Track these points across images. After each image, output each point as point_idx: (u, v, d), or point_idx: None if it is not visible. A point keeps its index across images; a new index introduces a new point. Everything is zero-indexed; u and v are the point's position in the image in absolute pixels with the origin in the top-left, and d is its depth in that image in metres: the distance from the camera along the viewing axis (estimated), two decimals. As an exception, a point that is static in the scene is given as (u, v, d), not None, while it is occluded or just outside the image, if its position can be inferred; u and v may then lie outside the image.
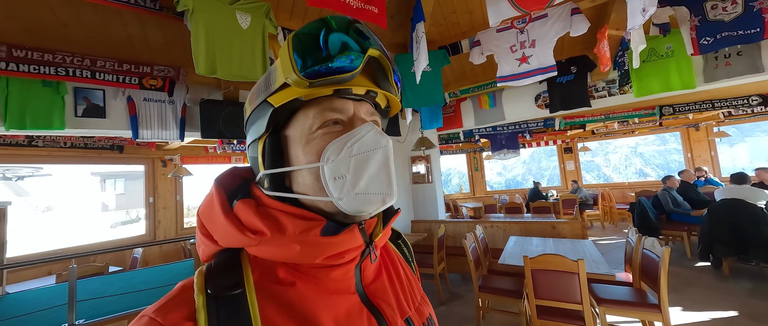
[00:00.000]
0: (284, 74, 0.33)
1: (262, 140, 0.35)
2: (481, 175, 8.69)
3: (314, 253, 0.32)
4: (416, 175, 4.44)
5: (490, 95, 3.96)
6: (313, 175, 0.33)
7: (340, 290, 0.34)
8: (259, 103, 0.36)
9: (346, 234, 0.32)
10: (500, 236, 3.72)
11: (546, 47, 2.54)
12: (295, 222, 0.32)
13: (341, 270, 0.34)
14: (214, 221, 0.34)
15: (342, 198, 0.32)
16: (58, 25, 2.07)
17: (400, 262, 0.45)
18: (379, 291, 0.37)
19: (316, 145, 0.33)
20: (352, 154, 0.32)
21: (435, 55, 3.00)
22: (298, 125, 0.34)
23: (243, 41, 1.94)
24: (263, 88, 0.36)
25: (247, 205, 0.33)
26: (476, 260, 2.65)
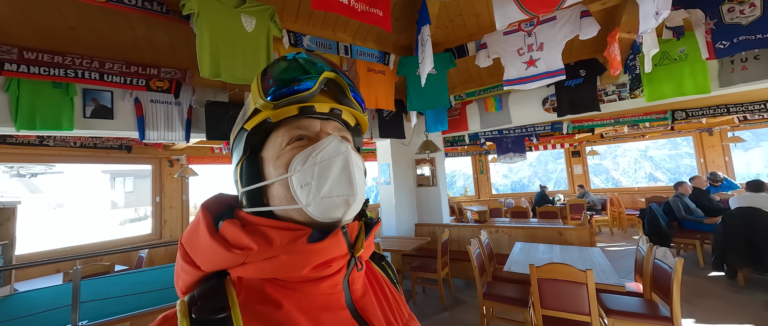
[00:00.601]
0: (254, 102, 0.38)
1: (240, 163, 0.38)
2: (486, 178, 8.61)
3: (302, 262, 0.32)
4: (421, 177, 4.40)
5: (497, 98, 3.91)
6: (284, 186, 0.36)
7: (330, 304, 0.35)
8: (238, 131, 0.40)
9: (332, 239, 0.34)
10: (506, 242, 3.66)
11: (554, 50, 2.49)
12: (282, 234, 0.33)
13: (329, 282, 0.35)
14: (199, 245, 0.34)
15: (310, 204, 0.35)
16: (67, 28, 2.10)
17: (385, 282, 0.46)
18: (369, 306, 0.38)
19: (284, 159, 0.37)
20: (315, 162, 0.35)
21: (440, 58, 2.97)
22: (271, 145, 0.38)
23: (247, 44, 1.94)
24: (241, 117, 0.40)
25: (232, 224, 0.34)
26: (481, 266, 2.61)
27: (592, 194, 6.32)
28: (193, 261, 0.34)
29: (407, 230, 4.21)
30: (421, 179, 4.41)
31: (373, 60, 2.89)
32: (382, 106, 3.08)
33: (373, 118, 4.10)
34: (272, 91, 0.36)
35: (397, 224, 4.12)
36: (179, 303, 0.31)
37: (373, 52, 2.88)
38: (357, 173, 0.37)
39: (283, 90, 0.36)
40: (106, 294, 2.03)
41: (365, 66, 2.94)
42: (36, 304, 1.95)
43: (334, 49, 2.62)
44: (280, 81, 0.36)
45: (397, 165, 4.26)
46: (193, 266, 0.34)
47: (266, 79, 0.37)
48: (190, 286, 0.35)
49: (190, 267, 0.34)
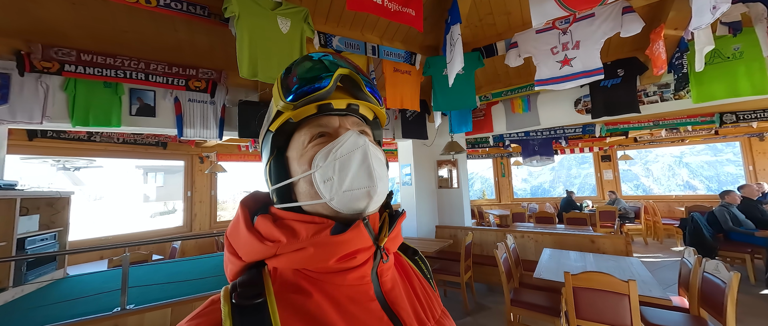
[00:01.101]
0: (275, 105, 0.40)
1: (268, 163, 0.41)
2: (508, 181, 8.36)
3: (327, 253, 0.34)
4: (442, 179, 4.35)
5: (525, 99, 3.79)
6: (309, 182, 0.38)
7: (359, 296, 0.36)
8: (264, 132, 0.43)
9: (353, 230, 0.35)
10: (532, 248, 3.54)
11: (591, 49, 2.38)
12: (307, 227, 0.35)
13: (356, 273, 0.36)
14: (239, 238, 0.38)
15: (333, 198, 0.36)
16: (119, 32, 2.26)
17: (417, 276, 0.47)
18: (398, 299, 0.39)
19: (307, 156, 0.39)
20: (336, 158, 0.37)
21: (468, 58, 2.92)
22: (294, 144, 0.41)
23: (282, 45, 2.00)
24: (266, 120, 0.43)
25: (265, 219, 0.38)
26: (508, 271, 2.53)
27: (623, 201, 5.97)
28: (236, 252, 0.37)
29: (427, 232, 4.17)
30: (443, 181, 4.35)
31: (400, 60, 2.89)
32: (407, 106, 3.07)
33: (395, 118, 4.10)
34: (293, 91, 0.38)
35: (417, 225, 4.08)
36: (223, 289, 0.35)
37: (400, 53, 2.88)
38: (377, 165, 0.38)
39: (301, 90, 0.38)
40: (148, 280, 2.16)
41: (391, 66, 2.95)
42: (86, 287, 2.11)
43: (361, 49, 2.64)
44: (299, 81, 0.39)
45: (419, 166, 4.23)
46: (236, 256, 0.37)
47: (285, 81, 0.39)
48: (235, 274, 0.38)
49: (234, 258, 0.37)
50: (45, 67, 2.12)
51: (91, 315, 1.39)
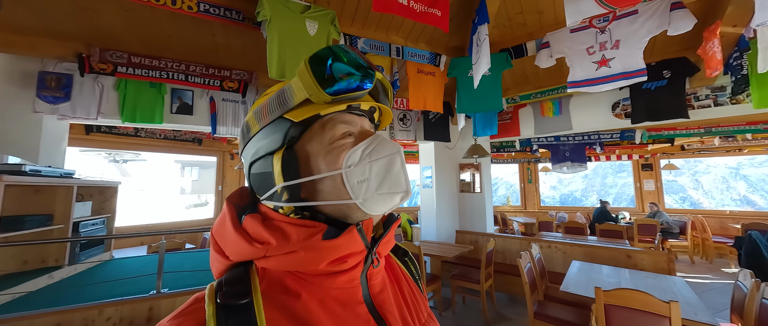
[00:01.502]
0: (307, 92, 0.36)
1: (278, 154, 0.37)
2: (534, 188, 7.98)
3: (318, 257, 0.34)
4: (464, 183, 4.24)
5: (556, 102, 3.60)
6: (336, 181, 0.37)
7: (347, 299, 0.36)
8: (272, 119, 0.38)
9: (346, 236, 0.34)
10: (559, 259, 3.34)
11: (633, 48, 2.21)
12: (298, 230, 0.34)
13: (346, 276, 0.35)
14: (226, 237, 0.36)
15: (366, 199, 0.36)
16: (164, 36, 2.45)
17: (406, 279, 0.47)
18: (386, 302, 0.39)
19: (336, 154, 0.37)
20: (371, 159, 0.37)
21: (496, 59, 2.83)
22: (316, 138, 0.38)
23: (309, 47, 2.06)
24: (276, 105, 0.38)
25: (254, 219, 0.36)
26: (532, 282, 2.41)
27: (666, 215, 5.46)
28: (222, 251, 0.36)
29: (447, 237, 4.09)
30: (465, 185, 4.24)
31: (424, 61, 2.87)
32: (430, 108, 3.04)
33: (418, 120, 4.07)
34: (334, 86, 0.36)
35: (437, 229, 4.02)
36: (209, 287, 0.33)
37: (424, 54, 2.86)
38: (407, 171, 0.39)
39: (342, 87, 0.36)
40: (181, 267, 2.31)
41: (415, 67, 2.93)
42: (128, 270, 2.30)
43: (386, 50, 2.66)
44: (341, 78, 0.36)
45: (440, 169, 4.16)
46: (222, 255, 0.36)
47: (319, 71, 0.36)
48: (221, 273, 0.37)
49: (220, 256, 0.36)
50: (101, 69, 2.36)
51: (131, 295, 1.52)
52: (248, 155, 0.40)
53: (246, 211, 0.38)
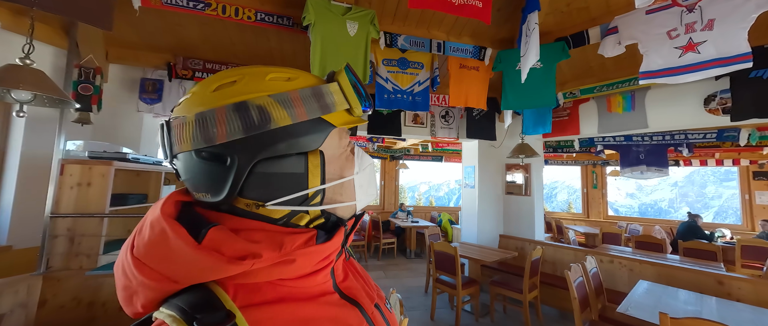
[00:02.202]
0: (350, 103, 0.38)
1: (315, 155, 0.36)
2: (600, 194, 7.01)
3: (309, 262, 0.34)
4: (511, 185, 3.95)
5: (627, 96, 3.11)
6: (351, 185, 0.41)
7: (323, 292, 0.37)
8: (311, 116, 0.35)
9: (338, 237, 0.36)
10: (624, 277, 2.91)
11: (734, 28, 1.79)
12: (293, 238, 0.33)
13: (322, 273, 0.36)
14: (175, 259, 0.29)
15: (361, 201, 0.42)
16: (230, 43, 2.82)
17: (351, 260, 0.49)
18: (352, 286, 0.41)
19: (351, 160, 0.42)
20: (363, 166, 0.43)
21: (550, 49, 2.57)
22: (335, 144, 0.39)
23: (349, 47, 2.16)
24: (315, 103, 0.36)
25: (223, 232, 0.30)
26: (583, 299, 2.16)
27: (789, 237, 4.27)
28: (167, 276, 0.29)
29: (490, 240, 3.87)
30: (512, 187, 3.95)
31: (467, 56, 2.75)
32: (472, 104, 2.91)
33: (461, 117, 3.92)
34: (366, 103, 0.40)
35: (478, 231, 3.84)
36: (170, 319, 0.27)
37: (468, 48, 2.74)
38: None
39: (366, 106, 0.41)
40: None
41: (457, 62, 2.83)
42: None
43: (426, 46, 2.62)
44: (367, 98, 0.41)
45: (484, 169, 3.95)
46: (163, 281, 0.29)
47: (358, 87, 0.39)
48: (153, 302, 0.30)
49: (157, 284, 0.29)
50: (183, 74, 2.83)
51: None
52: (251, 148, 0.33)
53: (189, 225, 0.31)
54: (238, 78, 0.35)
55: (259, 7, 2.22)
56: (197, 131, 0.33)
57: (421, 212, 7.13)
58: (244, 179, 0.33)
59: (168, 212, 0.32)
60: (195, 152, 0.33)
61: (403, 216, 6.08)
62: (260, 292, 0.31)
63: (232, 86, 0.34)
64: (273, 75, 0.36)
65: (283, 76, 0.37)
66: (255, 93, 0.34)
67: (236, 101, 0.33)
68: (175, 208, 0.34)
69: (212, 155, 0.33)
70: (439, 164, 7.34)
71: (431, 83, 2.87)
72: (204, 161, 0.33)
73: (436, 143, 5.80)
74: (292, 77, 0.37)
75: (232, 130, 0.32)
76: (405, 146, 6.17)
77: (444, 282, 3.02)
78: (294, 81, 0.37)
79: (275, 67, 0.37)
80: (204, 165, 0.33)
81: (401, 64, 2.74)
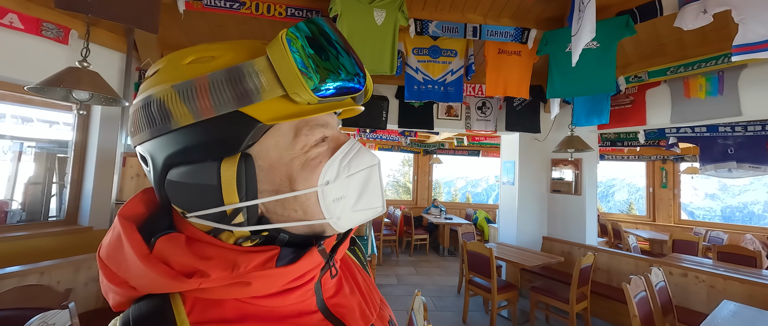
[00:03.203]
0: (286, 87, 0.27)
1: (230, 163, 0.27)
2: (671, 194, 6.03)
3: (270, 284, 0.28)
4: (558, 182, 3.56)
5: (712, 77, 2.57)
6: (309, 200, 0.30)
7: (300, 312, 0.30)
8: (221, 111, 0.26)
9: (306, 260, 0.29)
10: (701, 294, 2.45)
11: None
12: (247, 257, 0.27)
13: (299, 291, 0.30)
14: (127, 266, 0.27)
15: (340, 218, 0.31)
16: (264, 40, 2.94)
17: (356, 268, 0.42)
18: (342, 304, 0.34)
19: (312, 167, 0.30)
20: (349, 173, 0.31)
21: (610, 25, 2.22)
22: (282, 143, 0.29)
23: (376, 37, 2.09)
24: (229, 92, 0.26)
25: (174, 242, 0.27)
26: (646, 317, 1.85)
27: None
28: (123, 282, 0.27)
29: (531, 242, 3.56)
30: (559, 185, 3.56)
31: (507, 39, 2.50)
32: (512, 93, 2.64)
33: (499, 108, 3.62)
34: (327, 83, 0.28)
35: (517, 232, 3.54)
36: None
37: (508, 30, 2.48)
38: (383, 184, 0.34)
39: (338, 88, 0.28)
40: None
41: (495, 48, 2.59)
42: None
43: (460, 32, 2.43)
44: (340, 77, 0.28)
45: (526, 164, 3.62)
46: (124, 287, 0.27)
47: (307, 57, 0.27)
48: (123, 305, 0.28)
49: (119, 289, 0.27)
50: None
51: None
52: (161, 150, 0.28)
53: (155, 229, 0.28)
54: (162, 64, 0.29)
55: (288, 2, 2.25)
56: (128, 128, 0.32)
57: (456, 209, 6.87)
58: (164, 185, 0.29)
59: (130, 212, 0.30)
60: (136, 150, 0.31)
61: (437, 213, 5.91)
62: (219, 308, 0.27)
63: (153, 77, 0.29)
64: (195, 56, 0.28)
65: (206, 55, 0.28)
66: (163, 83, 0.28)
67: (145, 96, 0.28)
68: (146, 207, 0.31)
69: (140, 156, 0.31)
70: (476, 158, 6.98)
71: (466, 72, 2.67)
72: (140, 161, 0.31)
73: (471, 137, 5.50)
74: (216, 56, 0.28)
75: (142, 130, 0.29)
76: (439, 139, 5.95)
77: (477, 285, 2.85)
78: (215, 61, 0.28)
79: (209, 44, 0.29)
80: (141, 164, 0.31)
81: (433, 53, 2.59)
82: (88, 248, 2.11)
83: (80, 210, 2.43)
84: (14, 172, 3.01)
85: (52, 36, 2.02)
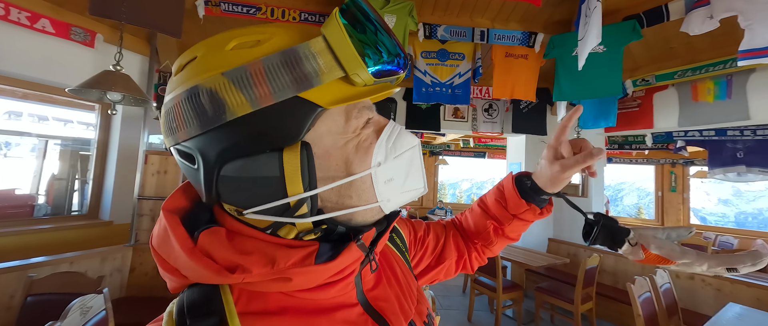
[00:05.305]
0: (346, 67, 0.26)
1: (292, 152, 0.26)
2: (680, 199, 5.96)
3: (311, 280, 0.27)
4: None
5: (721, 81, 2.57)
6: (365, 182, 0.30)
7: (340, 304, 0.30)
8: (280, 98, 0.25)
9: (345, 256, 0.28)
10: (708, 297, 2.46)
11: None
12: (285, 252, 0.26)
13: (340, 285, 0.29)
14: (177, 258, 0.27)
15: (390, 200, 0.32)
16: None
17: (395, 258, 0.41)
18: (381, 297, 0.34)
19: (365, 149, 0.30)
20: (395, 154, 0.31)
21: (616, 30, 2.25)
22: (335, 128, 0.29)
23: (387, 41, 2.15)
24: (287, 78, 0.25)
25: (216, 237, 0.26)
26: (650, 318, 1.87)
27: None
28: (176, 271, 0.27)
29: (537, 243, 3.58)
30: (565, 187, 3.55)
31: (514, 43, 2.54)
32: (519, 95, 2.69)
33: (506, 110, 3.66)
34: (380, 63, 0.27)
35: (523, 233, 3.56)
36: (166, 317, 0.26)
37: (515, 34, 2.53)
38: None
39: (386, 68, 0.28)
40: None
41: (503, 51, 2.64)
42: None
43: (468, 36, 2.49)
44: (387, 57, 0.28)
45: (532, 166, 3.61)
46: (176, 275, 0.27)
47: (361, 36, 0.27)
48: (178, 289, 0.28)
49: (172, 276, 0.27)
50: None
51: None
52: (214, 145, 0.27)
53: (197, 222, 0.28)
54: (200, 52, 0.27)
55: (302, 7, 2.33)
56: (164, 126, 0.28)
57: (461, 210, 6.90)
58: (217, 183, 0.27)
59: (173, 206, 0.29)
60: (173, 149, 0.29)
61: (442, 214, 5.94)
62: (263, 299, 0.28)
63: (191, 66, 0.27)
64: (238, 40, 0.27)
65: (250, 39, 0.27)
66: (210, 71, 0.26)
67: (189, 87, 0.26)
68: (188, 200, 0.31)
69: (182, 154, 0.28)
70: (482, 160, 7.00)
71: (473, 74, 2.72)
72: (180, 159, 0.29)
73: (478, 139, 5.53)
74: (262, 39, 0.27)
75: (189, 125, 0.26)
76: (445, 141, 6.00)
77: (483, 284, 2.89)
78: (263, 45, 0.26)
79: (248, 28, 0.27)
80: (182, 163, 0.29)
81: (440, 56, 2.64)
82: (109, 241, 2.22)
83: (102, 205, 2.55)
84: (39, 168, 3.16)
85: (79, 40, 2.14)
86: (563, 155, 0.47)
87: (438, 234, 0.57)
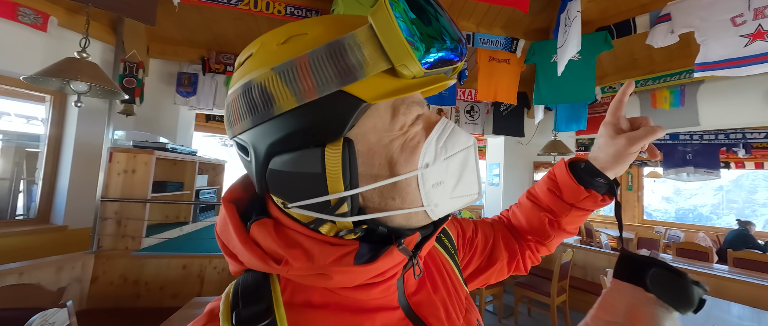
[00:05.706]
0: (393, 58, 0.24)
1: (334, 148, 0.25)
2: (636, 197, 6.56)
3: (350, 280, 0.27)
4: (539, 184, 3.78)
5: (675, 91, 2.86)
6: (410, 185, 0.28)
7: (381, 306, 0.30)
8: (324, 92, 0.24)
9: (384, 259, 0.27)
10: (664, 286, 2.70)
11: (817, 11, 1.57)
12: (324, 249, 0.26)
13: (382, 286, 0.29)
14: (234, 245, 0.29)
15: (438, 205, 0.29)
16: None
17: (443, 263, 0.39)
18: (424, 302, 0.32)
19: (412, 148, 0.28)
20: (446, 155, 0.29)
21: (591, 40, 2.40)
22: (380, 124, 0.27)
23: (378, 40, 2.13)
24: (330, 71, 0.24)
25: (264, 227, 0.28)
26: (620, 307, 2.02)
27: None
28: (234, 256, 0.29)
29: (515, 241, 3.74)
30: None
31: (497, 48, 2.64)
32: (502, 99, 2.79)
33: (487, 112, 3.79)
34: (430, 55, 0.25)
35: (503, 230, 3.72)
36: (223, 299, 0.27)
37: (498, 39, 2.62)
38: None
39: (441, 57, 0.26)
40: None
41: (487, 55, 2.72)
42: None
43: (455, 38, 2.54)
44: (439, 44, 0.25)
45: (510, 167, 3.81)
46: (235, 259, 0.29)
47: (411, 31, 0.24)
48: (238, 272, 0.30)
49: (233, 261, 0.29)
50: (216, 69, 2.94)
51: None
52: (264, 138, 0.27)
53: (251, 213, 0.30)
54: (256, 47, 0.28)
55: (288, 1, 2.24)
56: (226, 119, 0.30)
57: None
58: (266, 175, 0.28)
59: (231, 197, 0.31)
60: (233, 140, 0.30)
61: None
62: (307, 292, 0.28)
63: (248, 62, 0.28)
64: (289, 34, 0.26)
65: (300, 32, 0.26)
66: (262, 66, 0.26)
67: (244, 82, 0.27)
68: (245, 191, 0.33)
69: (239, 146, 0.29)
70: (461, 160, 7.19)
71: (459, 77, 2.78)
72: (238, 150, 0.30)
73: (458, 139, 5.68)
74: (310, 31, 0.26)
75: (243, 118, 0.27)
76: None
77: (466, 281, 2.97)
78: (308, 37, 0.25)
79: (303, 21, 0.27)
80: (239, 154, 0.30)
81: (429, 57, 2.67)
82: (64, 248, 1.97)
83: (54, 208, 2.27)
84: (-27, 166, 2.74)
85: (29, 22, 1.88)
86: (624, 129, 0.42)
87: (486, 234, 0.53)
